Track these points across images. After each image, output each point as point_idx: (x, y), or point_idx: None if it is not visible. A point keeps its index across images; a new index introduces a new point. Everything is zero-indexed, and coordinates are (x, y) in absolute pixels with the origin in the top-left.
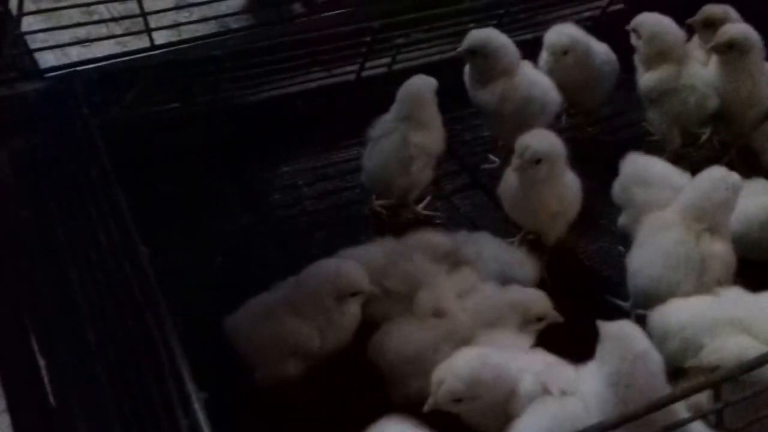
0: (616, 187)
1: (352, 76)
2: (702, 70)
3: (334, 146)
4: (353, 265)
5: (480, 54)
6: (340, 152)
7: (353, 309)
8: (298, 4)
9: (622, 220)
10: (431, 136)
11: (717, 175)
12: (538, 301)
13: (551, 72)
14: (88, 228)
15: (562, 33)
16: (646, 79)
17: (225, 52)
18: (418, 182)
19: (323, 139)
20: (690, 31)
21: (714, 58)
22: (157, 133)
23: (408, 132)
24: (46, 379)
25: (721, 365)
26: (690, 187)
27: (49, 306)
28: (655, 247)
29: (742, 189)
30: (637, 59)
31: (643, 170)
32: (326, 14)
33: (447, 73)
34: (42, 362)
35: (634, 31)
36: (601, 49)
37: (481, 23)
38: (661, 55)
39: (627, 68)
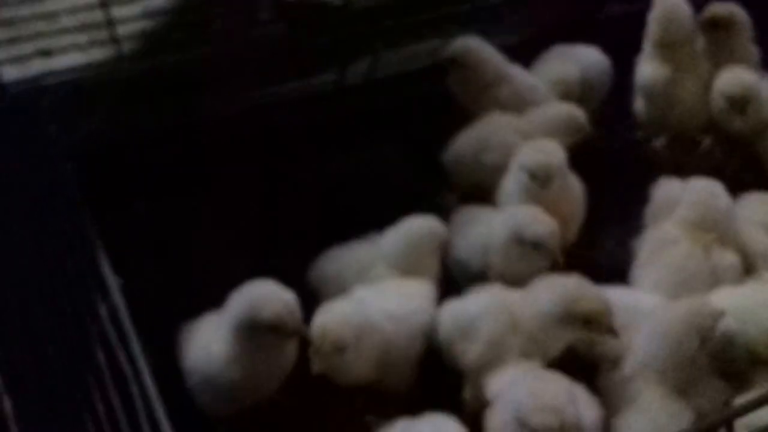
0: (648, 213)
1: (330, 86)
2: (699, 83)
3: (313, 159)
4: (276, 296)
5: (462, 64)
6: (319, 166)
7: (273, 345)
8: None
9: None
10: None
11: (711, 185)
12: (588, 300)
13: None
14: (55, 256)
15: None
16: (642, 72)
17: (197, 62)
18: None
19: (302, 152)
20: None
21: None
22: (128, 150)
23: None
24: (12, 421)
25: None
26: (689, 201)
27: (15, 341)
28: (663, 264)
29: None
30: (645, 42)
31: (676, 197)
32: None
33: (430, 80)
34: (8, 403)
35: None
36: (592, 58)
37: (466, 28)
38: (667, 47)
39: (621, 71)
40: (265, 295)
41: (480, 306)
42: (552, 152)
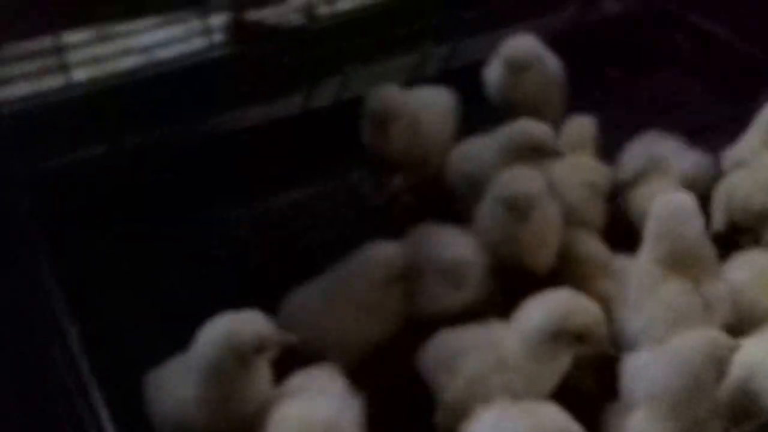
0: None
1: (296, 110)
2: None
3: (281, 187)
4: (251, 317)
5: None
6: (287, 194)
7: (255, 369)
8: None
9: None
10: None
11: (677, 204)
12: (582, 313)
13: (507, 87)
14: (7, 299)
15: (520, 48)
16: None
17: (153, 87)
18: None
19: (268, 179)
20: None
21: None
22: (84, 182)
23: None
24: None
25: None
26: (657, 234)
27: None
28: (654, 302)
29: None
30: None
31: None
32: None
33: None
34: None
35: None
36: (549, 55)
37: (439, 43)
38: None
39: (596, 81)
40: (242, 319)
41: (463, 341)
42: (531, 180)
